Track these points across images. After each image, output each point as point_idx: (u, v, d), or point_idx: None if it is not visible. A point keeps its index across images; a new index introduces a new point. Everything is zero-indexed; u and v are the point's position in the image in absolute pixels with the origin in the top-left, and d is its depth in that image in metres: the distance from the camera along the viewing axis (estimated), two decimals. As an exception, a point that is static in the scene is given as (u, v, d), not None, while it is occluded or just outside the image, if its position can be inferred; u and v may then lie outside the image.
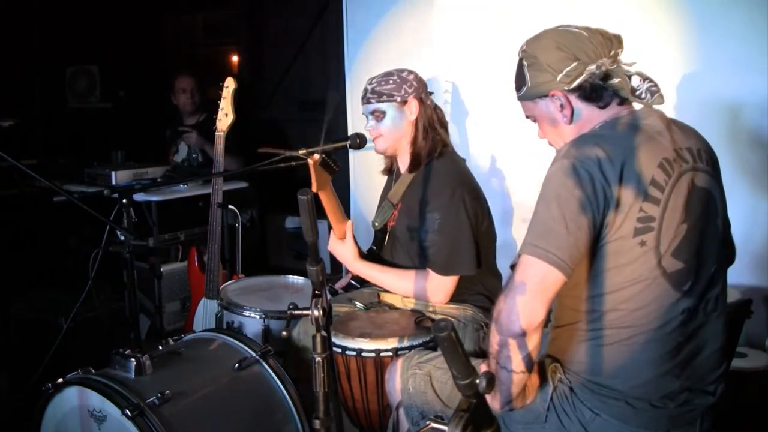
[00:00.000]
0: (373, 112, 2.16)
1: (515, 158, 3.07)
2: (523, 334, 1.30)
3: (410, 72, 2.18)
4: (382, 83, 2.14)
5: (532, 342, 1.32)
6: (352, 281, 2.38)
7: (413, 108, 2.15)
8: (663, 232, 1.35)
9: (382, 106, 2.14)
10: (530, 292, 1.30)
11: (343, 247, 2.21)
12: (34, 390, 1.94)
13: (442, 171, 2.13)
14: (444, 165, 2.15)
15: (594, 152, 1.34)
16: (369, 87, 2.16)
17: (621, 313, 1.38)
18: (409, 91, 2.14)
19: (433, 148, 2.16)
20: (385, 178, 2.40)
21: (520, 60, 1.52)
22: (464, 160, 2.25)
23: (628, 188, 1.33)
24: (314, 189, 2.13)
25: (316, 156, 2.08)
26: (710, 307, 1.43)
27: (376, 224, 2.29)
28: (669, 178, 1.37)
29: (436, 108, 2.22)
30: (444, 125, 2.22)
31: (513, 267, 1.37)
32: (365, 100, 2.17)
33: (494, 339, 1.36)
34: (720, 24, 2.58)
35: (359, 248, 2.25)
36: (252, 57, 5.01)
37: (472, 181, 2.18)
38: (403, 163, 2.24)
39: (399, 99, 2.13)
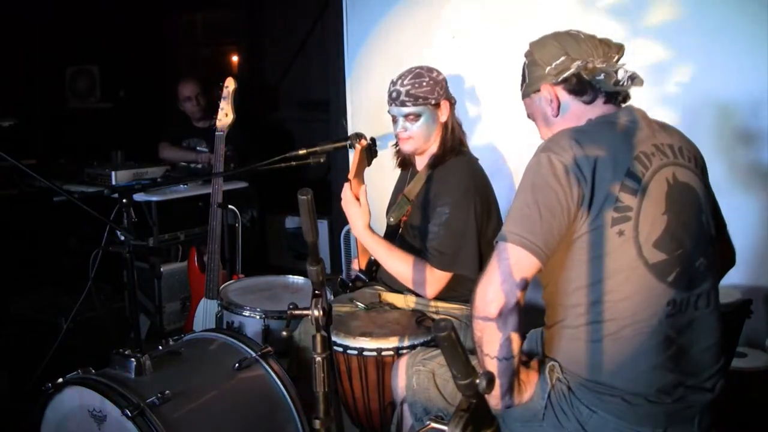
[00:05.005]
0: (406, 115, 2.12)
1: (519, 158, 3.07)
2: (498, 317, 1.33)
3: (438, 71, 2.16)
4: (416, 85, 2.09)
5: (509, 325, 1.35)
6: (359, 274, 2.38)
7: (444, 110, 2.14)
8: (641, 222, 1.38)
9: (418, 109, 2.10)
10: (503, 276, 1.33)
11: (359, 210, 2.11)
12: (34, 390, 1.94)
13: (459, 170, 2.13)
14: (461, 164, 2.15)
15: (569, 145, 1.39)
16: (402, 89, 2.09)
17: (606, 305, 1.39)
18: (441, 92, 2.13)
19: (454, 147, 2.16)
20: (386, 175, 2.40)
21: (524, 61, 1.60)
22: (477, 159, 2.25)
23: (603, 179, 1.37)
24: (351, 175, 2.14)
25: (364, 141, 2.12)
26: (701, 303, 1.44)
27: (392, 220, 2.28)
28: (646, 171, 1.41)
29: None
30: (460, 123, 2.23)
31: None
32: (399, 102, 2.10)
33: (475, 326, 1.39)
34: (714, 23, 2.58)
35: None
36: (252, 57, 5.02)
37: (486, 184, 2.19)
38: (422, 160, 2.23)
39: (434, 102, 2.11)
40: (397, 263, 2.11)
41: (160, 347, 1.96)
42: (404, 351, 1.89)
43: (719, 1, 2.59)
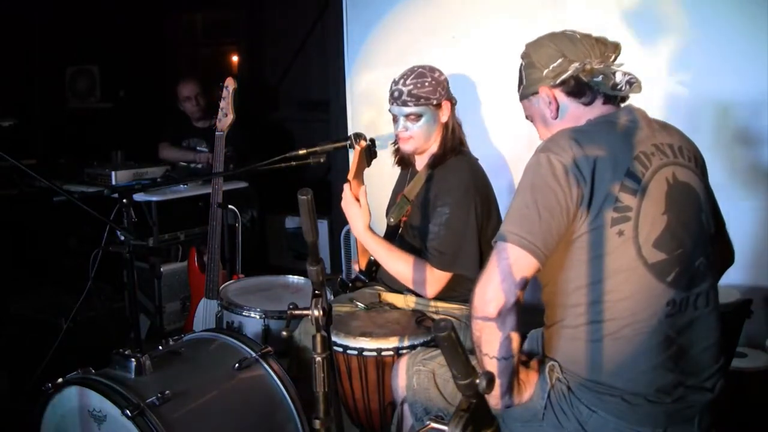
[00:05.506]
0: (408, 115, 2.12)
1: (519, 158, 3.07)
2: (497, 317, 1.34)
3: (440, 71, 2.16)
4: (419, 85, 2.09)
5: (508, 325, 1.35)
6: (359, 275, 2.38)
7: (446, 110, 2.14)
8: (641, 222, 1.38)
9: (420, 109, 2.10)
10: (502, 275, 1.34)
11: (359, 210, 2.10)
12: (34, 390, 1.94)
13: (459, 169, 2.13)
14: (461, 164, 2.15)
15: (569, 145, 1.39)
16: (404, 89, 2.09)
17: (606, 305, 1.39)
18: (443, 93, 2.13)
19: (454, 147, 2.16)
20: (386, 175, 2.39)
21: (521, 62, 1.59)
22: (477, 159, 2.25)
23: (603, 179, 1.37)
24: (351, 176, 2.13)
25: (363, 142, 2.13)
26: (701, 302, 1.44)
27: (392, 220, 2.27)
28: (646, 170, 1.41)
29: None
30: (460, 123, 2.23)
31: None
32: (401, 102, 2.10)
33: (474, 325, 1.39)
34: (711, 23, 2.58)
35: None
36: (252, 57, 5.02)
37: (486, 184, 2.18)
38: (422, 160, 2.23)
39: (435, 102, 2.11)
40: (397, 263, 2.11)
41: (160, 347, 1.96)
42: (404, 351, 1.89)
43: (719, 2, 2.59)
